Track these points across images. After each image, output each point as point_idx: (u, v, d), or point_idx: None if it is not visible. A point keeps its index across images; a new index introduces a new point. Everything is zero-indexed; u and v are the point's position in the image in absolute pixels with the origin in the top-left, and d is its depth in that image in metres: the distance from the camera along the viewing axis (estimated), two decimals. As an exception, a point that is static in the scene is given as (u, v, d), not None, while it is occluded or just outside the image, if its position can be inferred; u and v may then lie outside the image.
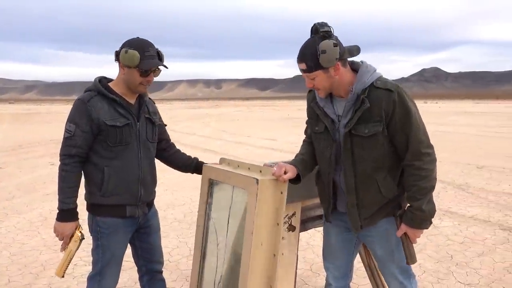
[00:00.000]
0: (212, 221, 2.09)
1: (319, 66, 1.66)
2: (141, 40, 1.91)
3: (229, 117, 27.18)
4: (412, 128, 1.69)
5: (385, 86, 1.70)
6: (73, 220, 1.92)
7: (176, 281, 3.17)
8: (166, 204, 5.40)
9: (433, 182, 1.72)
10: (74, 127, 1.86)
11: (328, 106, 1.81)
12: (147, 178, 2.04)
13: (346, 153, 1.78)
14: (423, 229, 1.76)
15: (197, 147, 11.40)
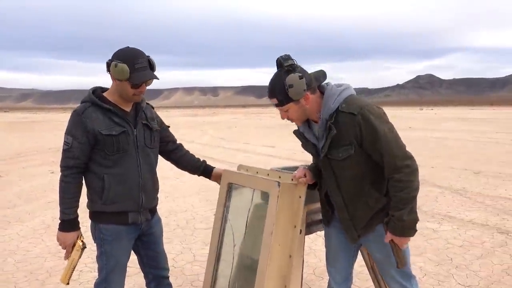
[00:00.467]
0: (229, 224, 2.17)
1: (289, 99, 1.74)
2: (131, 51, 1.89)
3: (227, 125, 27.27)
4: (383, 145, 1.71)
5: (349, 110, 1.74)
6: (74, 230, 1.96)
7: (181, 286, 3.22)
8: (168, 211, 5.44)
9: (413, 192, 1.73)
10: (71, 139, 1.89)
11: (307, 131, 1.90)
12: (147, 184, 2.06)
13: (328, 175, 1.87)
14: (407, 237, 1.78)
15: (196, 154, 11.35)
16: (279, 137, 16.91)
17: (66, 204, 1.91)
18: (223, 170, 2.27)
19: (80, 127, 1.88)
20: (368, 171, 1.80)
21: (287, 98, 1.73)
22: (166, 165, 8.54)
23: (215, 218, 2.25)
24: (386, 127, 1.73)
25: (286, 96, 1.73)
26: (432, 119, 30.71)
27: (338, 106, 1.76)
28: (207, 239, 4.27)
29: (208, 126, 25.66)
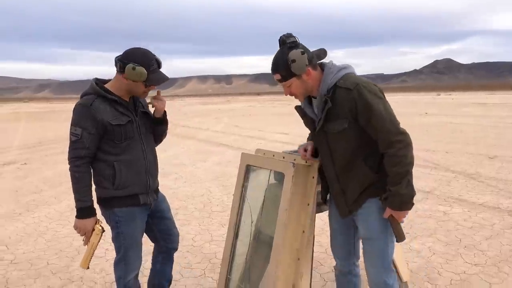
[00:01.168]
0: (247, 202, 2.33)
1: (292, 74, 1.81)
2: (144, 54, 2.01)
3: (241, 112, 27.41)
4: (378, 120, 1.77)
5: (345, 85, 1.81)
6: (93, 215, 2.08)
7: (200, 263, 3.42)
8: (185, 195, 5.66)
9: (407, 167, 1.78)
10: (81, 130, 1.97)
11: (307, 107, 1.98)
12: (152, 167, 2.23)
13: (323, 148, 1.95)
14: (405, 211, 1.84)
15: (211, 141, 11.66)
16: (293, 124, 16.98)
17: (83, 193, 2.02)
18: (242, 153, 2.42)
19: (89, 119, 1.97)
20: (361, 146, 1.86)
21: (290, 73, 1.80)
22: (183, 154, 8.94)
23: (233, 198, 2.42)
24: (380, 103, 1.79)
25: (289, 71, 1.80)
26: (450, 104, 30.22)
27: (336, 82, 1.83)
28: (223, 221, 4.48)
29: (222, 114, 25.86)
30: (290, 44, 1.80)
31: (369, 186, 1.90)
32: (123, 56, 2.01)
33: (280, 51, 1.82)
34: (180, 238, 3.96)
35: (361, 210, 1.95)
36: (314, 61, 1.85)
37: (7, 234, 4.24)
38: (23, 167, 8.23)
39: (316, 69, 1.87)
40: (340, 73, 1.85)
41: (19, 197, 5.79)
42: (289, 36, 1.81)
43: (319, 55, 1.88)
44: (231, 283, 2.42)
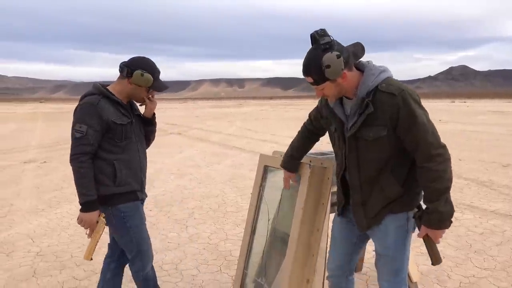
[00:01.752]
0: (265, 201, 2.46)
1: (325, 79, 1.68)
2: (150, 62, 2.19)
3: (253, 116, 27.58)
4: (420, 131, 1.66)
5: (389, 89, 1.68)
6: (97, 208, 2.13)
7: (216, 259, 3.56)
8: (201, 195, 5.82)
9: (447, 183, 1.67)
10: (86, 127, 2.06)
11: (337, 107, 1.84)
12: (145, 167, 2.36)
13: (351, 155, 1.82)
14: (443, 229, 1.72)
15: (225, 144, 11.83)
16: (306, 128, 17.07)
17: (87, 187, 2.08)
18: (260, 154, 2.55)
19: (95, 116, 2.07)
20: (392, 157, 1.75)
21: (323, 78, 1.67)
22: (197, 156, 9.17)
23: (251, 196, 2.55)
24: (424, 114, 1.69)
25: (322, 76, 1.66)
26: (465, 112, 29.91)
27: (377, 85, 1.70)
28: (238, 221, 4.61)
29: (235, 117, 26.07)
30: (325, 46, 1.63)
31: (392, 201, 1.79)
32: (130, 63, 2.16)
33: (313, 52, 1.67)
34: (196, 236, 4.14)
35: (379, 226, 1.85)
36: (350, 61, 1.71)
37: (32, 228, 4.44)
38: (43, 165, 8.50)
39: (352, 70, 1.73)
40: (382, 76, 1.72)
41: (40, 194, 6.01)
42: (323, 34, 1.64)
43: (356, 53, 1.75)
44: (247, 277, 2.55)
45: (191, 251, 3.75)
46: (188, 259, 3.56)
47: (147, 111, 2.35)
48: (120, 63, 2.19)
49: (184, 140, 13.11)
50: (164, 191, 6.08)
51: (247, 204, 5.29)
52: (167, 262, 3.51)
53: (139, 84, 2.16)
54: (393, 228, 1.83)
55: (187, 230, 4.34)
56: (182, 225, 4.52)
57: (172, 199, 5.61)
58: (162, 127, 18.53)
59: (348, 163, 1.85)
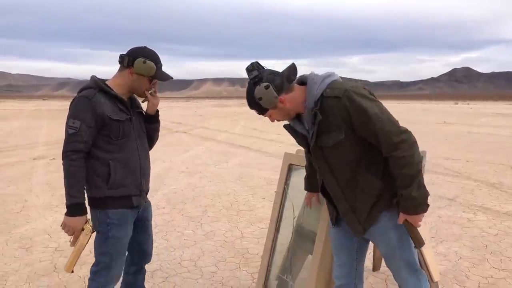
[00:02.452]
0: (289, 199, 2.48)
1: (265, 109, 1.77)
2: (152, 52, 2.04)
3: (257, 115, 27.51)
4: (375, 123, 1.66)
5: (333, 93, 1.71)
6: (84, 213, 1.94)
7: (234, 257, 3.58)
8: (212, 194, 5.84)
9: (417, 166, 1.67)
10: (79, 123, 1.89)
11: (297, 124, 1.87)
12: (145, 168, 2.14)
13: (321, 165, 1.83)
14: (420, 214, 1.73)
15: (231, 143, 11.86)
16: (311, 128, 17.09)
17: (76, 188, 1.91)
18: (284, 153, 2.57)
19: (89, 111, 1.91)
20: (361, 155, 1.76)
21: (263, 109, 1.77)
22: (204, 154, 9.23)
23: (276, 194, 2.57)
24: (374, 105, 1.70)
25: (260, 107, 1.77)
26: (468, 113, 29.87)
27: (322, 93, 1.73)
28: (252, 219, 4.64)
29: (239, 117, 26.09)
30: (253, 80, 1.74)
31: (379, 198, 1.79)
32: (131, 52, 2.02)
33: (248, 87, 1.79)
34: (212, 234, 4.17)
35: (376, 229, 1.84)
36: (284, 86, 1.76)
37: (48, 223, 4.48)
38: (53, 162, 8.54)
39: (292, 90, 1.78)
40: (325, 83, 1.76)
41: (52, 190, 6.05)
42: (251, 69, 1.75)
43: (289, 76, 1.78)
44: (271, 274, 2.58)
45: (208, 248, 3.78)
46: (206, 256, 3.58)
47: (150, 107, 2.18)
48: (120, 54, 2.05)
49: (190, 139, 13.14)
50: (176, 189, 6.11)
51: (259, 203, 5.33)
52: (186, 259, 3.53)
53: (141, 73, 2.00)
54: (391, 226, 1.81)
55: (202, 228, 4.36)
56: (197, 222, 4.55)
57: (184, 197, 5.64)
58: (167, 125, 18.57)
59: (322, 174, 1.86)
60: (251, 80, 1.75)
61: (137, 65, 1.98)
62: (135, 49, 2.04)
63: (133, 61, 1.99)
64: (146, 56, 2.00)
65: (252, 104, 1.79)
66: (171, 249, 3.75)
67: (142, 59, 1.98)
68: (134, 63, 1.98)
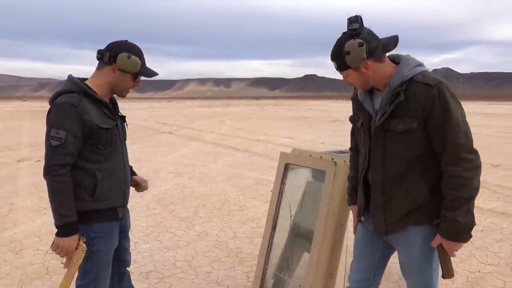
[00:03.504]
0: (286, 198, 2.52)
1: (346, 66, 1.62)
2: (135, 46, 1.88)
3: (243, 116, 27.60)
4: (451, 129, 1.54)
5: (425, 80, 1.57)
6: (77, 232, 1.79)
7: (228, 256, 3.60)
8: (202, 194, 5.84)
9: (472, 192, 1.55)
10: (65, 133, 1.71)
11: (366, 101, 1.74)
12: (128, 177, 2.02)
13: (377, 149, 1.69)
14: (460, 242, 1.59)
15: (218, 143, 11.85)
16: (297, 128, 17.20)
17: (67, 206, 1.74)
18: (280, 153, 2.61)
19: (76, 120, 1.73)
20: (422, 156, 1.62)
21: (344, 65, 1.62)
22: (192, 155, 9.24)
23: (272, 193, 2.60)
24: (460, 111, 1.57)
25: (343, 63, 1.61)
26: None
27: (413, 76, 1.60)
28: (243, 219, 4.67)
29: (224, 117, 26.04)
30: (351, 32, 1.58)
31: (418, 208, 1.65)
32: (111, 47, 1.84)
33: (341, 38, 1.63)
34: (205, 234, 4.18)
35: (401, 236, 1.71)
36: (378, 52, 1.61)
37: (37, 226, 4.41)
38: (37, 163, 8.38)
39: (381, 61, 1.64)
40: (419, 68, 1.63)
41: (40, 192, 5.94)
42: (353, 21, 1.59)
43: (386, 46, 1.64)
44: (268, 272, 2.61)
45: (201, 248, 3.79)
46: (200, 257, 3.59)
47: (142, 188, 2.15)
48: (98, 50, 1.84)
49: (177, 139, 13.07)
50: (165, 190, 6.08)
51: (250, 203, 5.36)
52: (180, 259, 3.53)
53: (125, 70, 1.82)
54: (419, 240, 1.68)
55: (194, 228, 4.37)
56: (189, 223, 4.55)
57: (174, 198, 5.62)
58: (152, 126, 18.41)
59: (372, 158, 1.72)
60: (348, 31, 1.59)
61: (120, 61, 1.80)
62: (115, 43, 1.85)
63: (115, 56, 1.80)
64: (130, 51, 1.82)
65: (336, 56, 1.63)
66: (164, 250, 3.74)
67: (126, 54, 1.80)
68: (117, 59, 1.80)
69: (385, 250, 1.87)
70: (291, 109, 40.94)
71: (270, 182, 6.40)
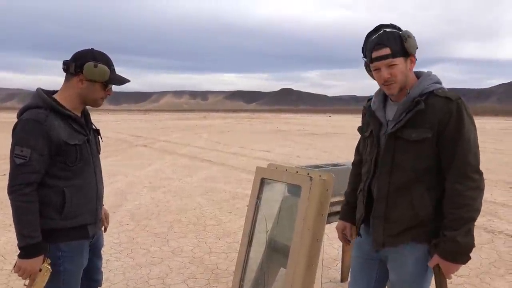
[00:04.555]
0: (262, 213, 2.49)
1: (403, 52, 1.61)
2: (102, 53, 1.81)
3: (219, 129, 27.56)
4: (462, 146, 1.54)
5: (445, 94, 1.59)
6: (41, 253, 1.70)
7: (203, 273, 3.53)
8: (178, 208, 5.74)
9: (473, 213, 1.53)
10: (29, 151, 1.64)
11: (379, 110, 1.75)
12: (101, 193, 1.95)
13: (386, 157, 1.67)
14: (458, 264, 1.56)
15: (194, 157, 11.73)
16: (273, 142, 17.30)
17: (32, 227, 1.66)
18: (256, 167, 2.60)
19: (41, 137, 1.66)
20: (431, 170, 1.61)
21: (402, 50, 1.60)
22: (168, 168, 9.14)
23: (248, 208, 2.58)
24: (473, 131, 1.59)
25: (401, 47, 1.60)
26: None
27: (433, 90, 1.62)
28: (219, 234, 4.60)
29: (201, 130, 25.92)
30: (392, 25, 1.66)
31: (418, 225, 1.63)
32: (76, 57, 1.77)
33: (389, 30, 1.64)
34: (179, 250, 4.09)
35: (395, 254, 1.69)
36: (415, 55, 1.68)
37: (1, 244, 4.19)
38: (3, 178, 8.04)
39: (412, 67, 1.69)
40: (438, 85, 1.66)
41: (5, 208, 5.67)
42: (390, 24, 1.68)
43: None
44: (244, 289, 2.57)
45: (176, 265, 3.70)
46: (174, 273, 3.51)
47: None
48: (64, 61, 1.77)
49: (151, 153, 12.86)
50: (139, 204, 5.94)
51: (226, 217, 5.31)
52: (153, 277, 3.43)
53: (93, 79, 1.75)
54: (412, 260, 1.66)
55: (169, 244, 4.27)
56: (163, 239, 4.44)
57: (149, 213, 5.50)
58: (127, 138, 18.08)
59: (380, 166, 1.70)
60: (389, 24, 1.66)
61: (87, 71, 1.73)
62: (80, 53, 1.78)
63: (81, 66, 1.73)
64: (96, 59, 1.75)
65: (393, 41, 1.60)
66: (137, 267, 3.63)
67: (92, 63, 1.73)
68: (83, 69, 1.73)
69: (381, 269, 1.84)
70: (267, 122, 41.21)
71: (246, 196, 6.39)
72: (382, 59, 1.61)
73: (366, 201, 1.79)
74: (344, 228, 2.03)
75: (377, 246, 1.73)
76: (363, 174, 1.85)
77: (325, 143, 16.90)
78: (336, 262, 3.78)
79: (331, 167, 2.85)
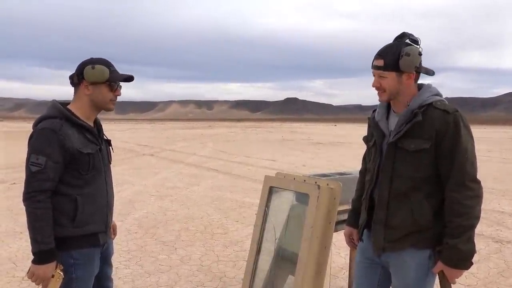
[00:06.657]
0: (270, 221, 2.54)
1: (395, 68, 1.66)
2: (102, 58, 1.88)
3: (225, 138, 27.65)
4: (460, 156, 1.60)
5: (444, 107, 1.65)
6: (54, 259, 1.74)
7: (211, 281, 3.56)
8: (185, 217, 5.78)
9: (473, 220, 1.59)
10: (45, 159, 1.70)
11: (382, 121, 1.82)
12: (111, 202, 2.00)
13: (386, 165, 1.74)
14: (461, 270, 1.62)
15: (200, 166, 11.80)
16: (278, 151, 17.32)
17: (46, 233, 1.71)
18: (265, 176, 2.65)
19: (57, 146, 1.73)
20: (429, 179, 1.67)
21: (395, 66, 1.66)
22: (174, 177, 9.20)
23: (257, 216, 2.63)
24: (470, 142, 1.65)
25: (395, 63, 1.65)
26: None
27: (432, 102, 1.67)
28: (226, 243, 4.63)
29: (206, 139, 26.02)
30: (412, 40, 1.69)
31: (419, 232, 1.69)
32: (77, 67, 1.86)
33: (397, 41, 1.71)
34: (188, 258, 4.13)
35: (397, 259, 1.75)
36: (421, 70, 1.71)
37: (13, 251, 4.26)
38: (13, 186, 8.14)
39: (415, 81, 1.74)
40: (438, 98, 1.71)
41: (15, 216, 5.77)
42: (412, 34, 1.71)
43: (428, 71, 1.75)
44: (252, 297, 2.60)
45: (184, 273, 3.73)
46: (183, 281, 3.54)
47: None
48: (69, 76, 1.88)
49: (158, 162, 12.95)
50: (147, 213, 5.99)
51: (233, 226, 5.34)
52: (162, 284, 3.47)
53: (95, 81, 1.81)
54: (413, 265, 1.71)
55: (177, 252, 4.31)
56: (171, 247, 4.48)
57: (156, 221, 5.55)
58: (133, 148, 18.22)
59: (381, 174, 1.77)
60: (409, 39, 1.69)
61: (87, 74, 1.80)
62: (81, 63, 1.87)
63: (81, 73, 1.82)
64: (94, 63, 1.83)
65: (390, 55, 1.67)
66: (146, 275, 3.67)
67: (90, 66, 1.81)
68: (84, 74, 1.81)
69: (383, 274, 1.88)
70: (273, 131, 41.28)
71: (252, 205, 6.42)
72: (375, 69, 1.72)
73: (368, 207, 1.85)
74: (351, 233, 2.10)
75: (377, 250, 1.79)
76: (366, 181, 1.92)
77: (330, 152, 16.91)
78: (343, 271, 3.80)
79: (338, 175, 2.90)
